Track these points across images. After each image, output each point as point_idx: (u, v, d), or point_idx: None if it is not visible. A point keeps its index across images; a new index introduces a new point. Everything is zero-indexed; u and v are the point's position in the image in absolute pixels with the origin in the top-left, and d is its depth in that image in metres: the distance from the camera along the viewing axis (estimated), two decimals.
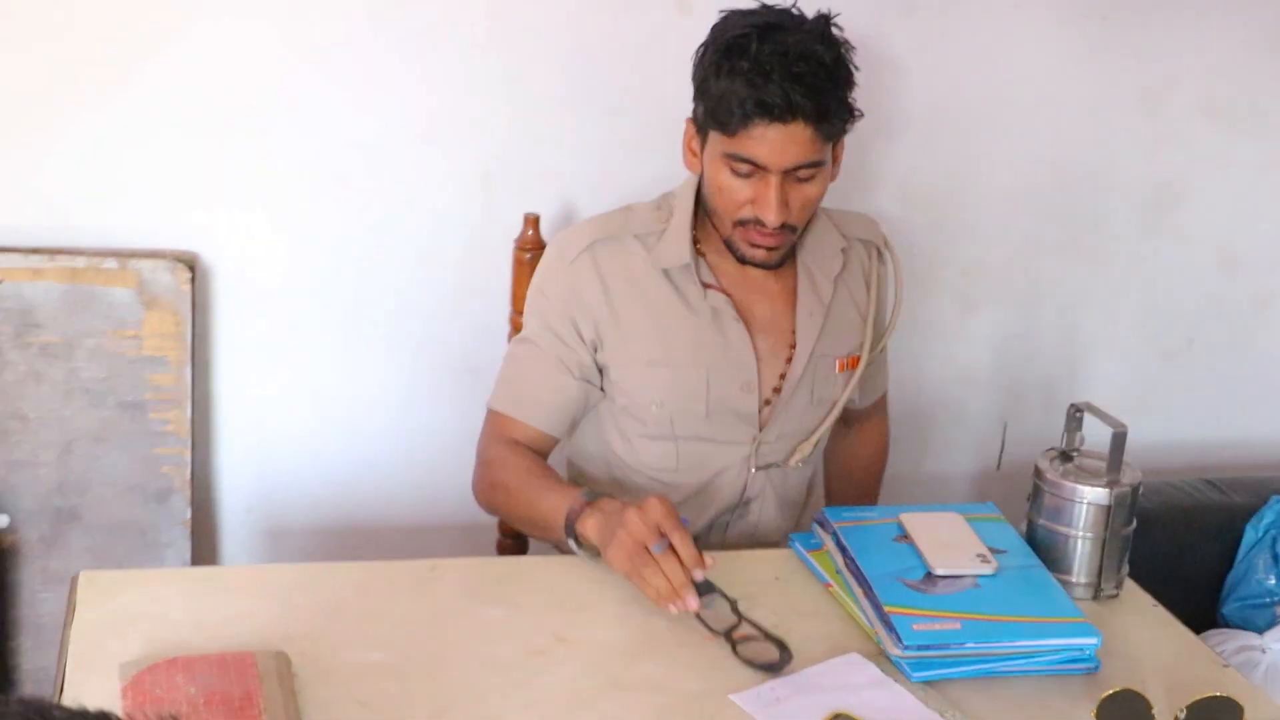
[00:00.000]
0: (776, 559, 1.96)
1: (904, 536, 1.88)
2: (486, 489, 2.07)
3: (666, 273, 2.01)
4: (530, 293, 2.08)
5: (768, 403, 2.07)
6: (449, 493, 2.38)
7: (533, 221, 2.31)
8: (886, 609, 1.72)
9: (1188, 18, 2.78)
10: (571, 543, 1.87)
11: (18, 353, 2.38)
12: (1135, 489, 1.87)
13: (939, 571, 1.79)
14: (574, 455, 2.19)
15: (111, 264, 2.38)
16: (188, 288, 2.40)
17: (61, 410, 2.40)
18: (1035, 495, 1.91)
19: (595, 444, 2.13)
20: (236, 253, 2.53)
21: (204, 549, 2.64)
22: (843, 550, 1.86)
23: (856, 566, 1.81)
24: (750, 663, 1.66)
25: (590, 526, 1.82)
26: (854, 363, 2.11)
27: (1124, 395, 3.00)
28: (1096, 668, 1.71)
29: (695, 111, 1.94)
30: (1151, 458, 3.01)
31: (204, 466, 2.61)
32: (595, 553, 1.82)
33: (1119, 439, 1.86)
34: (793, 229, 1.96)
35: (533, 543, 2.30)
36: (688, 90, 2.01)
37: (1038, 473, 1.91)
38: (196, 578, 1.85)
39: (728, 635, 1.68)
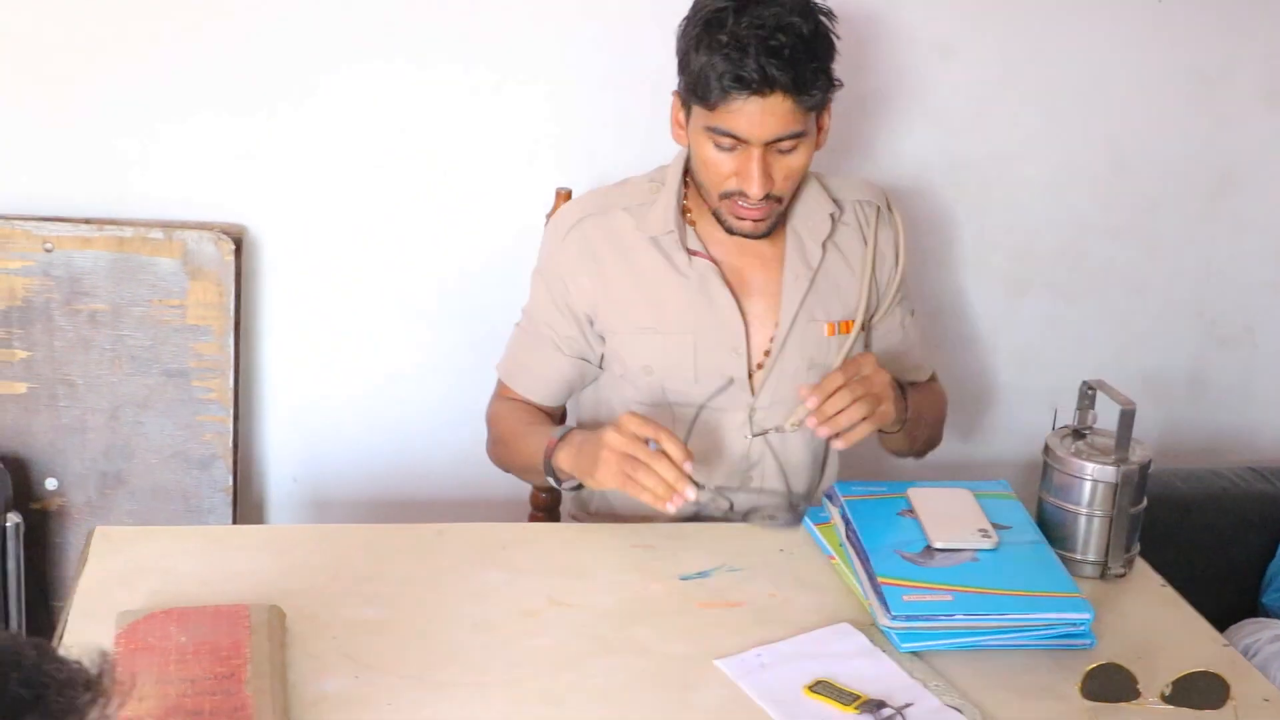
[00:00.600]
0: (783, 532, 1.96)
1: (909, 511, 1.87)
2: (490, 446, 2.19)
3: (655, 241, 2.04)
4: (533, 271, 2.12)
5: (760, 367, 2.07)
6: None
7: (564, 196, 2.34)
8: (879, 579, 1.72)
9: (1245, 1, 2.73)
10: (551, 480, 1.96)
11: (67, 319, 2.45)
12: (1143, 468, 1.85)
13: (937, 545, 1.79)
14: (583, 427, 2.21)
15: (158, 234, 2.44)
16: (231, 259, 2.46)
17: (108, 377, 2.47)
18: (1044, 472, 1.90)
19: (603, 416, 2.15)
20: (283, 225, 2.59)
21: (250, 517, 2.70)
22: (846, 523, 1.86)
23: (857, 538, 1.81)
24: (771, 520, 1.79)
25: (564, 459, 1.90)
26: (846, 327, 2.10)
27: (1179, 383, 2.96)
28: (1091, 644, 1.70)
29: (679, 85, 1.95)
30: (1205, 446, 2.99)
31: (249, 436, 2.66)
32: (577, 485, 1.92)
33: (1127, 417, 1.84)
34: (778, 199, 1.97)
35: (563, 511, 2.33)
36: None
37: (1047, 450, 1.90)
38: (208, 535, 1.90)
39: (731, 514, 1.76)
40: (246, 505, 2.69)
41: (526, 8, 2.52)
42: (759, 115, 1.88)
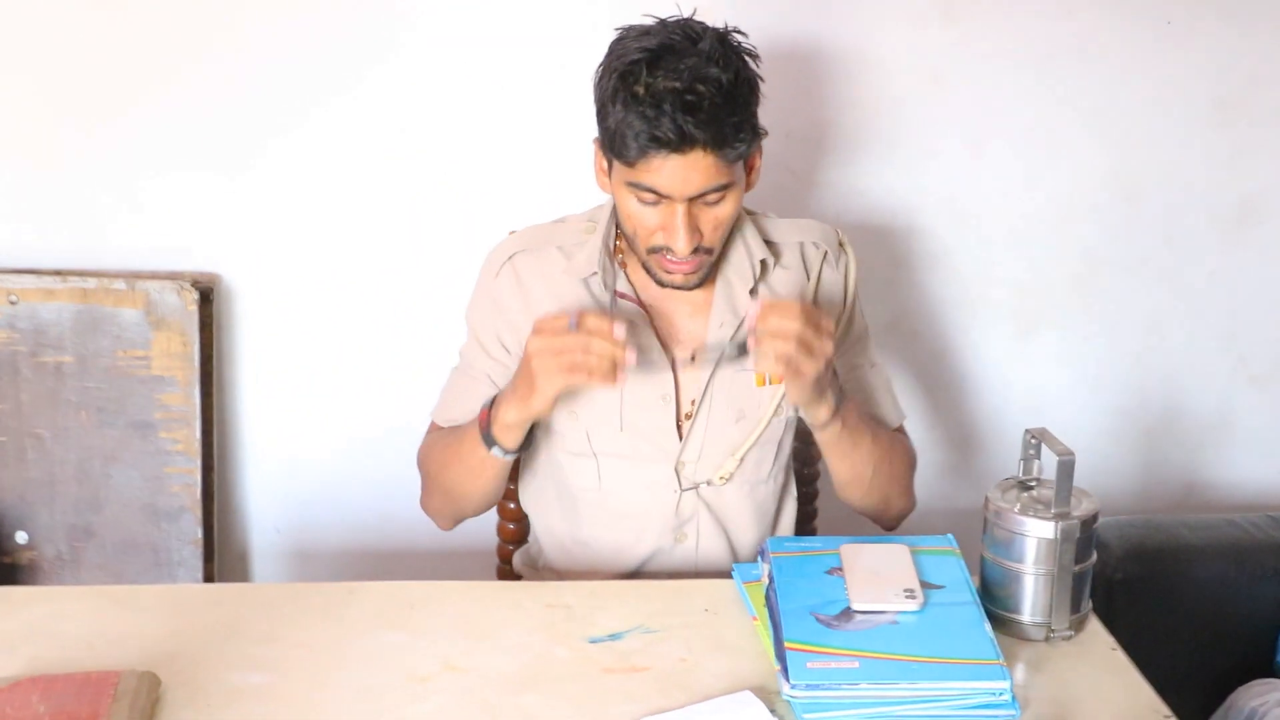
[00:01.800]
0: (714, 590, 1.86)
1: (839, 569, 1.76)
2: (424, 489, 2.07)
3: (585, 283, 1.95)
4: (467, 310, 2.04)
5: (688, 416, 1.97)
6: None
7: None
8: (786, 644, 1.61)
9: (1265, 19, 2.58)
10: (497, 451, 1.89)
11: (33, 372, 2.44)
12: (1086, 522, 1.72)
13: (855, 606, 1.68)
14: (525, 471, 2.13)
15: (120, 285, 2.42)
16: (194, 308, 2.43)
17: (76, 429, 2.45)
18: (984, 526, 1.78)
19: (540, 462, 2.08)
20: (258, 274, 2.57)
21: (232, 568, 2.67)
22: (770, 580, 1.76)
23: (775, 598, 1.71)
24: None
25: (502, 412, 1.86)
26: (778, 378, 1.99)
27: (1207, 424, 2.81)
28: (1015, 715, 1.57)
29: (599, 135, 1.86)
30: (1232, 493, 2.82)
31: (229, 486, 2.63)
32: (518, 445, 1.89)
33: (1066, 467, 1.71)
34: (708, 250, 1.87)
35: (517, 567, 2.26)
36: None
37: (986, 503, 1.78)
38: (106, 596, 1.84)
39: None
40: (229, 557, 2.66)
41: (488, 51, 2.47)
42: (680, 172, 1.78)
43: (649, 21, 1.84)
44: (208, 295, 2.48)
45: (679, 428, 1.98)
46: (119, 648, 1.67)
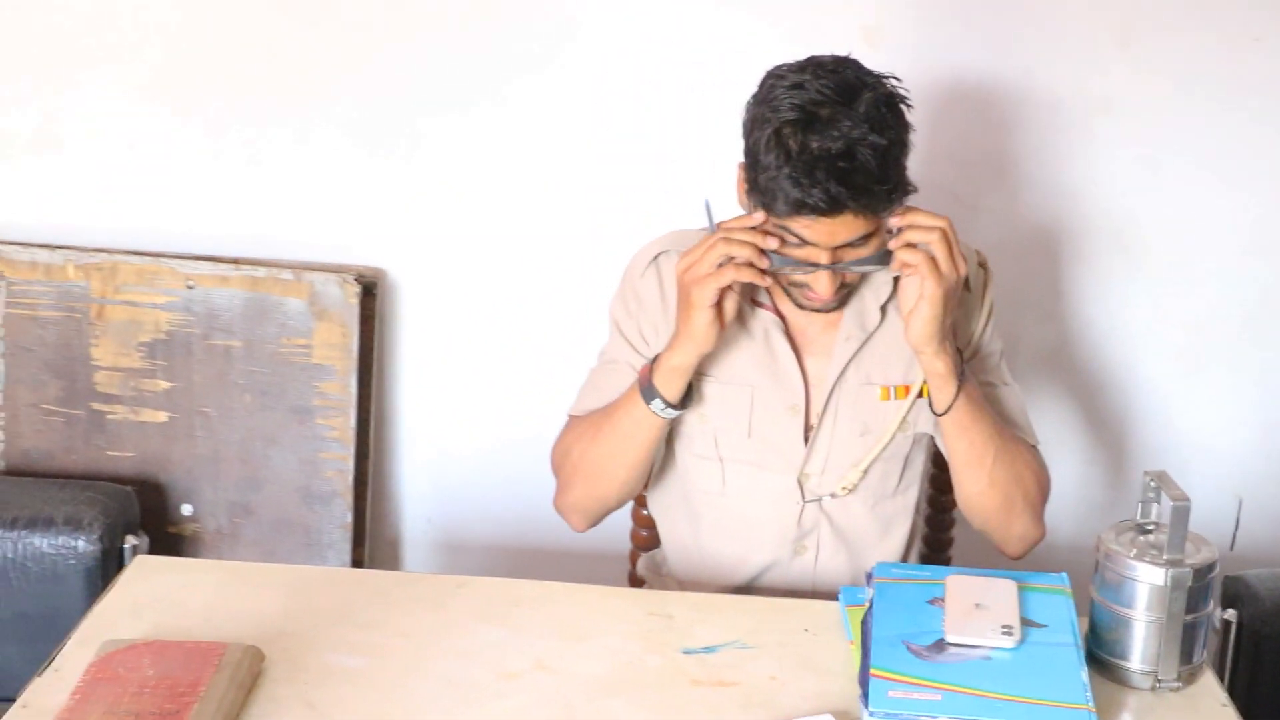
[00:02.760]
0: (818, 610, 1.86)
1: (941, 599, 1.74)
2: (563, 478, 2.07)
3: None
4: (610, 307, 2.07)
5: (813, 428, 1.97)
6: (621, 514, 2.38)
7: None
8: (872, 671, 1.60)
9: None
10: (657, 405, 1.90)
11: (204, 353, 2.56)
12: (1201, 570, 1.67)
13: (949, 638, 1.65)
14: (653, 481, 2.15)
15: (288, 275, 2.53)
16: (355, 301, 2.52)
17: (240, 410, 2.57)
18: (1096, 569, 1.73)
19: (669, 465, 2.09)
20: (422, 270, 2.65)
21: (383, 554, 2.76)
22: (870, 606, 1.75)
23: (869, 624, 1.70)
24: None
25: (662, 360, 1.88)
26: (903, 392, 1.97)
27: None
28: None
29: (746, 161, 1.85)
30: None
31: (384, 475, 2.72)
32: (684, 398, 1.91)
33: (1180, 513, 1.66)
34: (848, 285, 1.87)
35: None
36: None
37: (1099, 544, 1.73)
38: (236, 572, 1.93)
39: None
40: (381, 543, 2.75)
41: (659, 57, 2.50)
42: (828, 229, 1.77)
43: (801, 57, 1.82)
44: (371, 289, 2.57)
45: (806, 439, 1.97)
46: (234, 621, 1.75)
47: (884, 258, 1.83)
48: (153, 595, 1.82)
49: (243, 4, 2.53)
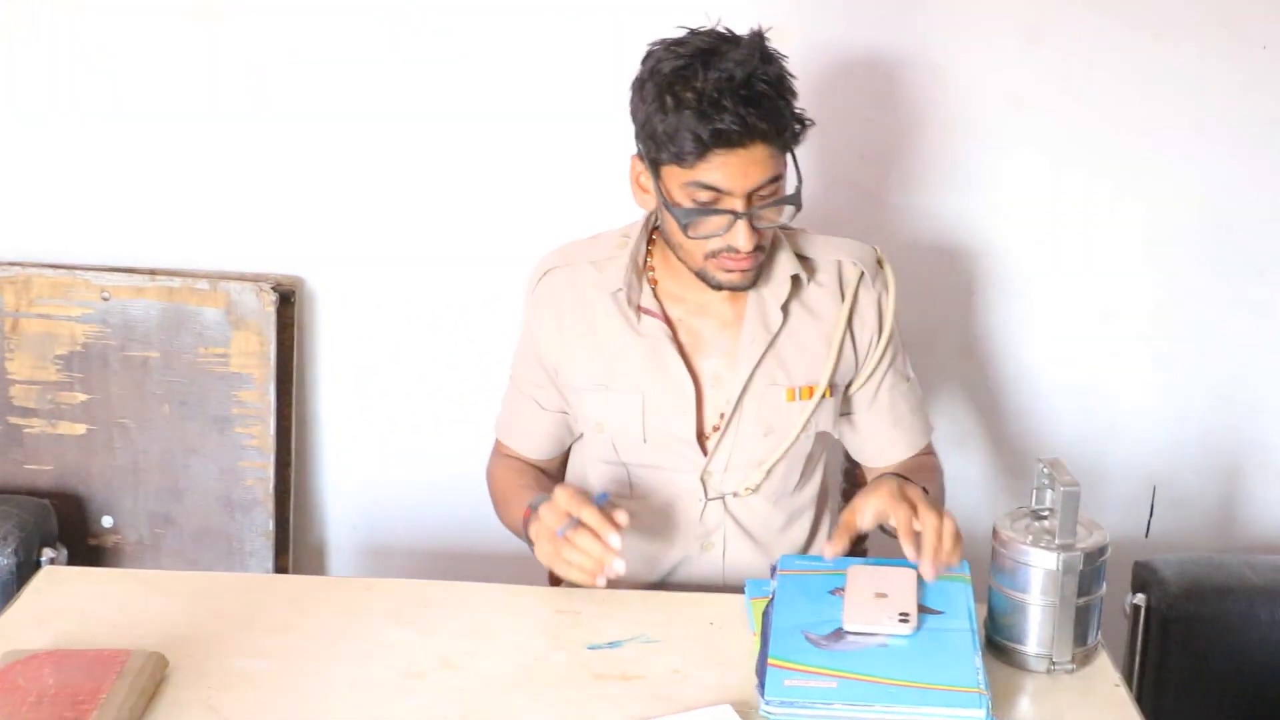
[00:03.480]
0: (725, 604, 1.88)
1: (841, 589, 1.77)
2: (494, 506, 2.14)
3: (614, 298, 1.98)
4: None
5: (715, 429, 1.99)
6: None
7: None
8: (770, 660, 1.62)
9: None
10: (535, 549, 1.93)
11: (121, 365, 2.55)
12: (1092, 554, 1.70)
13: (846, 627, 1.68)
14: (570, 478, 2.18)
15: (204, 285, 2.53)
16: (272, 309, 2.52)
17: (159, 421, 2.57)
18: (992, 556, 1.76)
19: (578, 471, 2.13)
20: (338, 278, 2.65)
21: (308, 560, 2.76)
22: (771, 598, 1.77)
23: (769, 615, 1.72)
24: None
25: (533, 532, 1.88)
26: (808, 392, 2.00)
27: None
28: None
29: (641, 148, 1.89)
30: None
31: (307, 482, 2.72)
32: None
33: (1071, 498, 1.69)
34: (763, 247, 1.89)
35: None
36: None
37: (995, 532, 1.76)
38: (144, 580, 1.93)
39: None
40: (306, 550, 2.76)
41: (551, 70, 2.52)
42: (740, 167, 1.80)
43: (680, 33, 1.86)
44: (289, 297, 2.57)
45: (700, 439, 2.00)
46: (139, 629, 1.75)
47: (794, 198, 1.86)
48: (59, 605, 1.82)
49: (156, 14, 2.53)
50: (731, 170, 1.80)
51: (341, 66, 2.54)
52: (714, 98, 1.77)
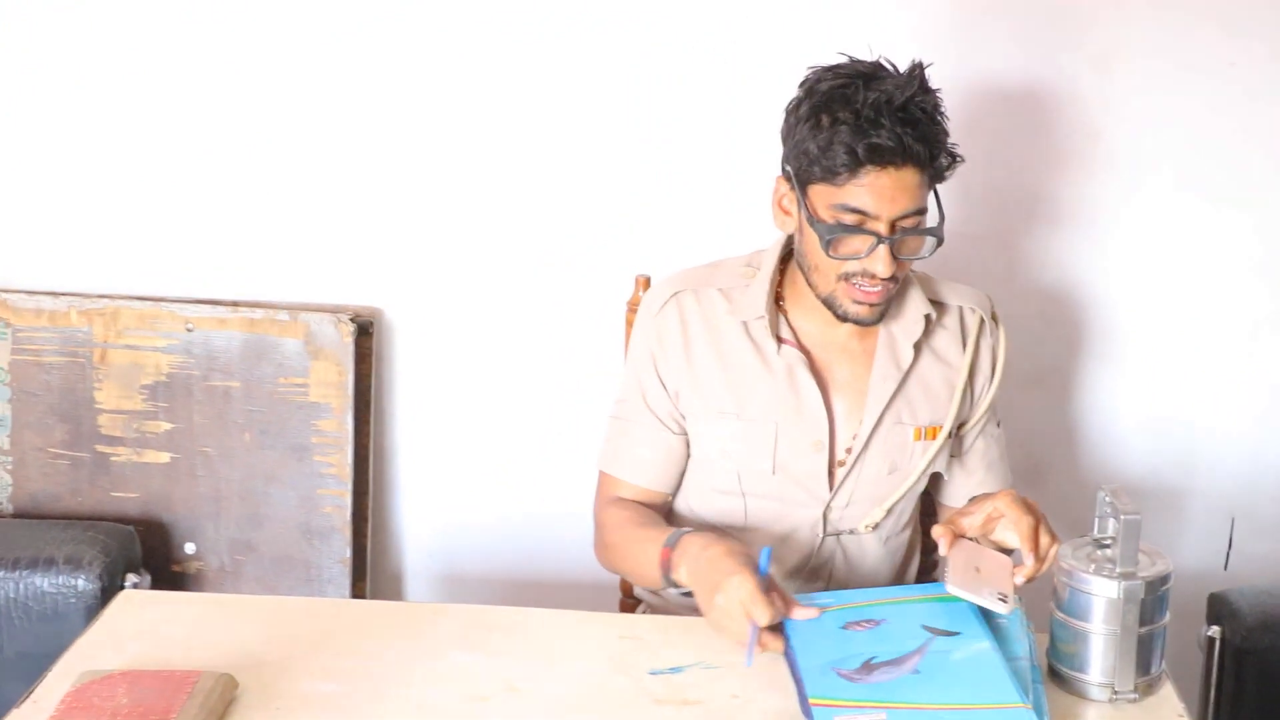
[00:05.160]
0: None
1: (856, 623, 1.77)
2: (600, 550, 2.11)
3: (745, 326, 1.99)
4: (628, 349, 2.11)
5: (841, 464, 2.00)
6: None
7: (643, 283, 2.32)
8: (811, 701, 1.63)
9: None
10: (672, 592, 1.90)
11: (204, 394, 2.62)
12: (1154, 583, 1.69)
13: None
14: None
15: (284, 316, 2.58)
16: (350, 340, 2.57)
17: (240, 450, 2.62)
18: (1054, 585, 1.76)
19: (681, 501, 2.13)
20: (416, 310, 2.70)
21: (386, 588, 2.80)
22: (786, 639, 1.77)
23: (792, 656, 1.72)
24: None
25: (685, 576, 1.84)
26: (933, 433, 2.01)
27: None
28: None
29: (789, 168, 1.90)
30: None
31: (385, 510, 2.77)
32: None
33: (1131, 526, 1.68)
34: (895, 280, 1.90)
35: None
36: None
37: (1056, 561, 1.76)
38: (219, 604, 1.98)
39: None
40: (384, 577, 2.80)
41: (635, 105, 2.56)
42: (889, 190, 1.82)
43: (840, 59, 1.90)
44: (367, 328, 2.62)
45: (830, 474, 2.01)
46: (212, 651, 1.79)
47: (937, 230, 1.89)
48: (136, 628, 1.87)
49: (238, 48, 2.60)
50: (880, 192, 1.83)
51: (424, 98, 2.59)
52: (871, 116, 1.81)
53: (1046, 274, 2.61)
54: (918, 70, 1.87)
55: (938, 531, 1.81)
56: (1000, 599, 1.72)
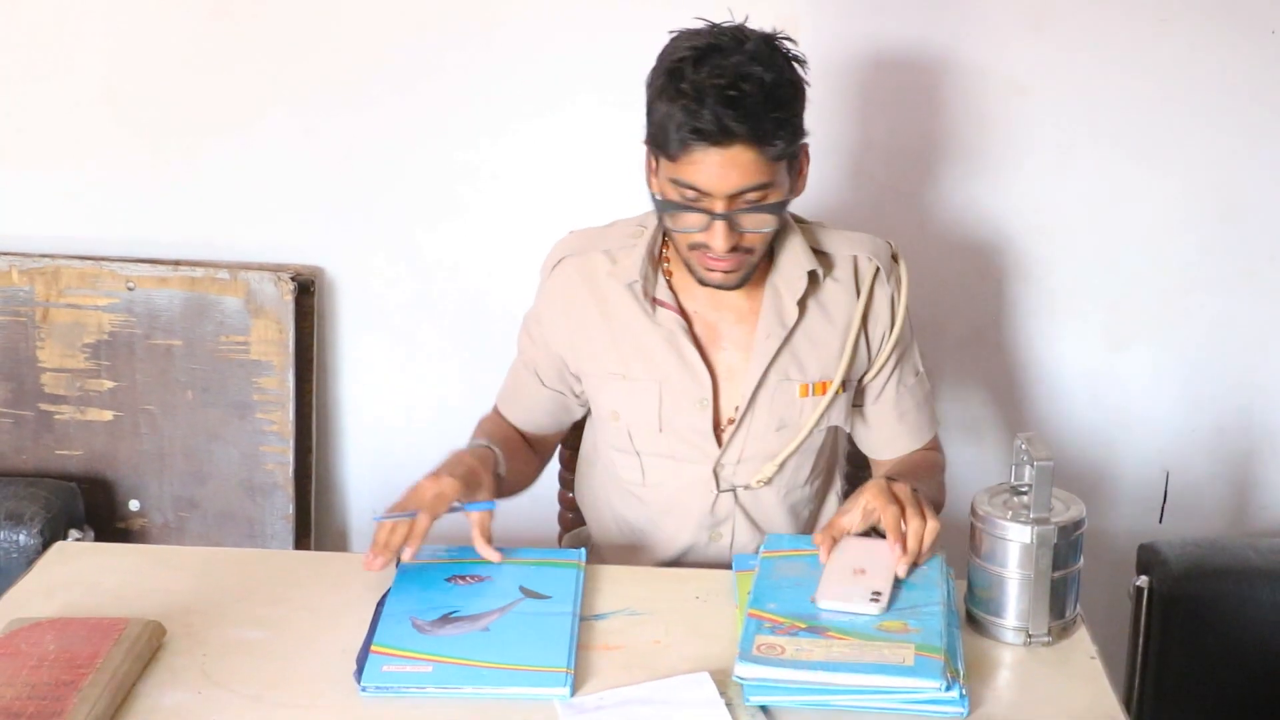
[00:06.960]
0: (711, 579, 1.91)
1: (460, 577, 1.85)
2: None
3: (630, 288, 2.01)
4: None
5: (731, 421, 2.02)
6: (549, 498, 2.44)
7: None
8: (372, 648, 1.69)
9: None
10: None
11: (146, 353, 2.63)
12: (1067, 528, 1.72)
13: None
14: (581, 461, 2.22)
15: (224, 275, 2.60)
16: (290, 298, 2.59)
17: (182, 407, 2.64)
18: (971, 532, 1.79)
19: (590, 453, 2.17)
20: (357, 269, 2.71)
21: (331, 544, 2.82)
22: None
23: (382, 601, 1.79)
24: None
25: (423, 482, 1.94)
26: (822, 388, 2.02)
27: None
28: (963, 713, 1.59)
29: (646, 135, 1.92)
30: None
31: (329, 467, 2.79)
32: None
33: (1044, 473, 1.71)
34: (748, 250, 1.91)
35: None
36: None
37: (973, 507, 1.79)
38: (152, 555, 2.00)
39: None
40: (329, 534, 2.82)
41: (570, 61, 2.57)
42: (720, 168, 1.82)
43: (701, 24, 1.90)
44: (308, 286, 2.63)
45: (717, 432, 2.03)
46: (143, 600, 1.81)
47: (776, 207, 1.88)
48: (69, 578, 1.89)
49: (181, 12, 2.60)
50: (710, 170, 1.83)
51: (360, 58, 2.60)
52: (700, 94, 1.80)
53: (979, 231, 2.63)
54: (763, 44, 1.85)
55: (816, 540, 1.82)
56: (874, 597, 1.71)
